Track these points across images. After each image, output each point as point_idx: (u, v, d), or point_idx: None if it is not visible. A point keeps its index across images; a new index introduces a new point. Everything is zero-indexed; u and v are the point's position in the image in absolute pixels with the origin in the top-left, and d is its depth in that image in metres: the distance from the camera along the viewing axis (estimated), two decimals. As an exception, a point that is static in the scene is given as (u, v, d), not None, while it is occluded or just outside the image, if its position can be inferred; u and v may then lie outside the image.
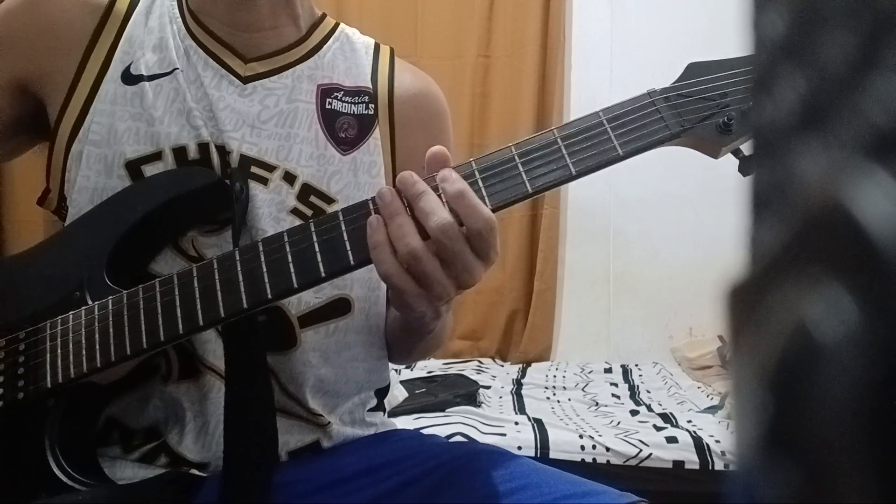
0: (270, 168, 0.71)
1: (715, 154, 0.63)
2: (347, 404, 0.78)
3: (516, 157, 0.61)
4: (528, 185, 0.60)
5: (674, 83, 0.63)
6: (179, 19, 0.74)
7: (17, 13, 0.72)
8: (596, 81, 2.75)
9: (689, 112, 0.61)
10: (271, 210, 0.70)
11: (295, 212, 0.71)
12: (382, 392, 0.82)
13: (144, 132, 0.70)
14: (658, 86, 0.63)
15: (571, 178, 0.61)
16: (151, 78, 0.71)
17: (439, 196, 0.59)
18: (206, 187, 0.68)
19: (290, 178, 0.72)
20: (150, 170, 0.69)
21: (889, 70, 0.13)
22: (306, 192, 0.72)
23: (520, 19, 2.77)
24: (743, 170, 0.62)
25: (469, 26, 2.78)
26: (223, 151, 0.70)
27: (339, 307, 0.74)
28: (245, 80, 0.73)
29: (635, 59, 2.71)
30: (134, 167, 0.69)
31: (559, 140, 0.61)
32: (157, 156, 0.69)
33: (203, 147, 0.70)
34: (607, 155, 0.60)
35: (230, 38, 0.74)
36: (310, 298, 0.71)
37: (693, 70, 0.63)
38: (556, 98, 2.73)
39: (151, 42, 0.73)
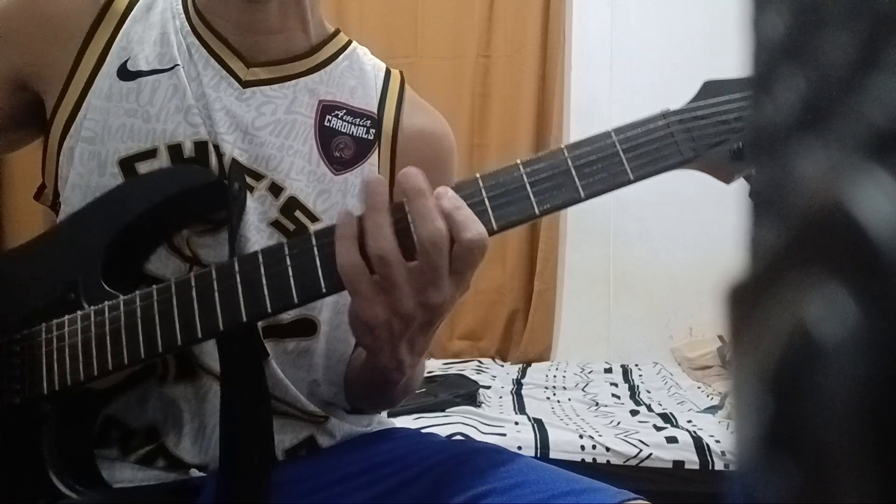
0: (258, 177, 0.70)
1: (727, 180, 0.61)
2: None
3: (525, 178, 0.59)
4: (535, 207, 0.59)
5: (689, 103, 0.61)
6: (182, 15, 0.73)
7: (17, 7, 0.72)
8: (596, 81, 2.75)
9: (702, 137, 0.59)
10: (254, 219, 0.69)
11: (276, 224, 0.70)
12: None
13: (139, 128, 0.69)
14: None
15: (580, 200, 0.59)
16: (151, 73, 0.70)
17: None
18: (203, 186, 0.67)
19: (275, 189, 0.71)
20: (144, 167, 0.69)
21: (889, 70, 0.13)
22: (291, 206, 0.71)
23: (520, 19, 2.77)
24: (754, 195, 0.60)
25: (469, 26, 2.78)
26: (219, 152, 0.69)
27: (305, 328, 0.72)
28: (245, 84, 0.72)
29: (635, 59, 2.71)
30: (127, 164, 0.68)
31: (569, 161, 0.60)
32: (151, 153, 0.69)
33: (200, 145, 0.69)
34: (618, 179, 0.59)
35: (235, 40, 0.72)
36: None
37: (709, 89, 0.61)
38: (556, 98, 2.73)
39: (152, 37, 0.72)
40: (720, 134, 0.60)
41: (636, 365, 2.57)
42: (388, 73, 0.81)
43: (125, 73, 0.71)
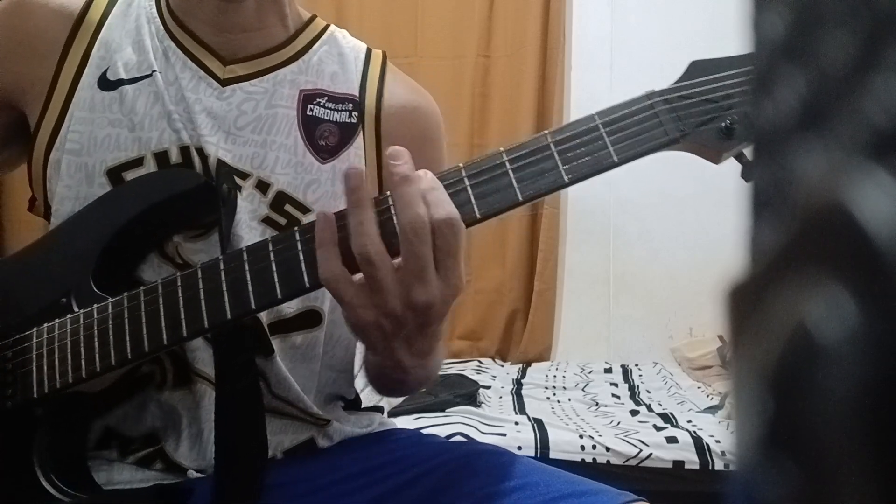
0: (244, 176, 0.70)
1: (716, 160, 0.60)
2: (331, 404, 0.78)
3: (507, 164, 0.58)
4: (519, 193, 0.58)
5: (675, 83, 0.61)
6: (157, 20, 0.72)
7: None
8: (596, 81, 2.75)
9: (689, 116, 0.59)
10: (245, 217, 0.69)
11: (267, 220, 0.70)
12: (353, 402, 0.82)
13: (125, 138, 0.69)
14: (658, 86, 0.61)
15: (564, 185, 0.58)
16: (131, 81, 0.70)
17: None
18: (192, 190, 0.67)
19: (263, 186, 0.70)
20: (132, 176, 0.68)
21: (889, 70, 0.13)
22: (281, 200, 0.71)
23: (520, 19, 2.77)
24: (746, 175, 0.58)
25: (469, 26, 2.78)
26: (203, 155, 0.69)
27: (310, 319, 0.73)
28: (224, 83, 0.71)
29: (635, 59, 2.71)
30: (115, 174, 0.68)
31: (552, 146, 0.59)
32: (138, 161, 0.68)
33: (184, 151, 0.69)
34: (602, 162, 0.58)
35: (211, 40, 0.72)
36: (282, 308, 0.70)
37: (696, 69, 0.60)
38: (556, 98, 2.73)
39: (129, 45, 0.71)
40: (707, 112, 0.58)
41: (636, 365, 2.57)
42: (368, 53, 0.80)
43: (106, 83, 0.70)
